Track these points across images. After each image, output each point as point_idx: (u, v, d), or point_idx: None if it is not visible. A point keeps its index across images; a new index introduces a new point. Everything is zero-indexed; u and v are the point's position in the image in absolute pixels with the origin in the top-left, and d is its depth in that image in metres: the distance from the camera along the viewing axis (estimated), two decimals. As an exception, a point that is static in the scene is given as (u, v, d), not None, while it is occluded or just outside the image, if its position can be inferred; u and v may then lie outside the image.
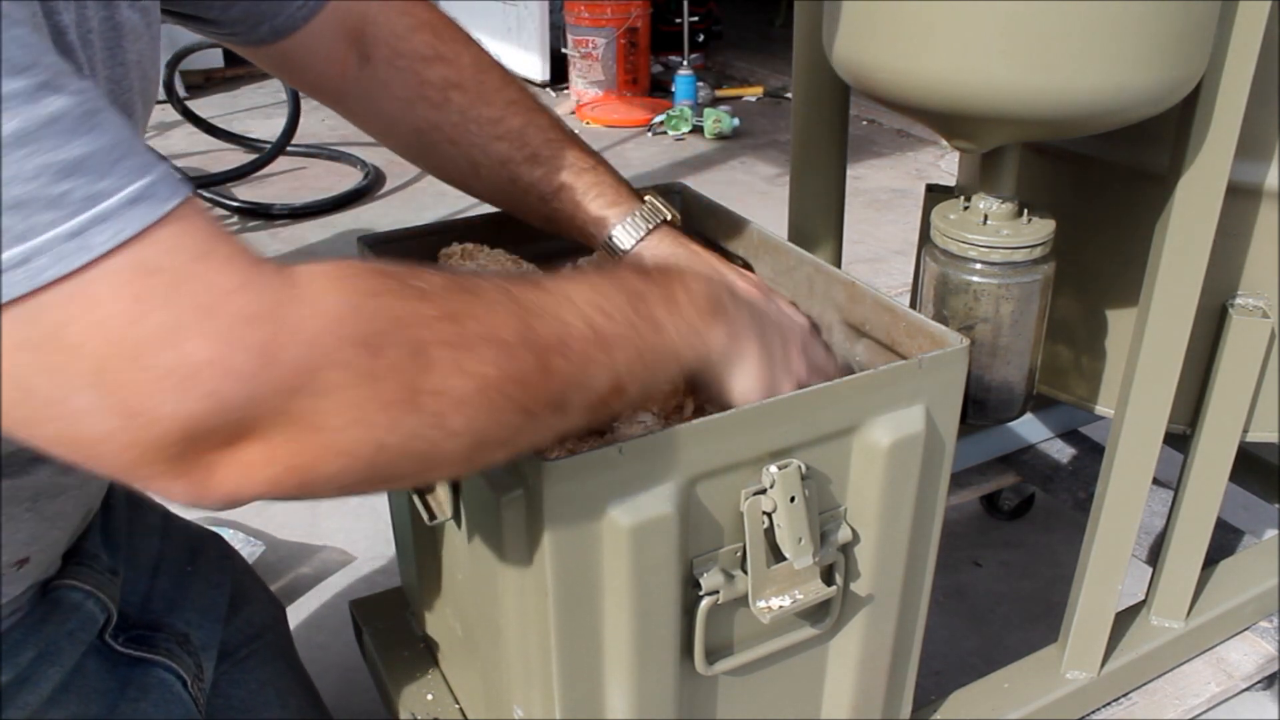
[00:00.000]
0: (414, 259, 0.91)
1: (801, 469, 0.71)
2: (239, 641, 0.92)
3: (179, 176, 0.45)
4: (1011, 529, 1.69)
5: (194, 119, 3.22)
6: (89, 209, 0.41)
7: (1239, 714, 1.26)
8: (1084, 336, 1.11)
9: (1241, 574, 1.25)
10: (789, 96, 2.73)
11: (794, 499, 0.70)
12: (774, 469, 0.70)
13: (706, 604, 0.72)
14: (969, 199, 0.95)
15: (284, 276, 0.46)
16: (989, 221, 0.92)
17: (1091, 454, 1.52)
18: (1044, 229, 0.91)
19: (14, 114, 0.40)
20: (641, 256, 0.83)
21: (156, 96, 0.71)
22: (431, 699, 0.99)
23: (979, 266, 0.91)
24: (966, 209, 0.94)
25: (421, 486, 0.74)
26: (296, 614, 1.46)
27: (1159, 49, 0.77)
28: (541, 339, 0.54)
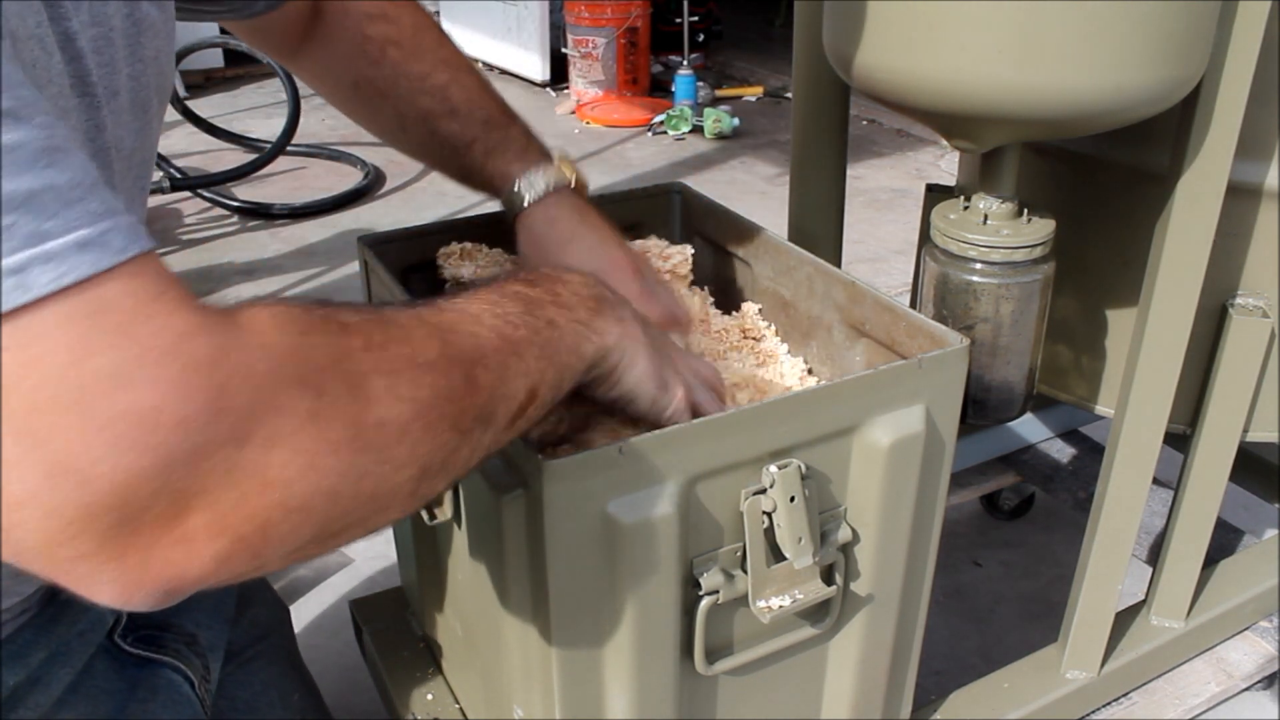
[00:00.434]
0: (414, 259, 0.92)
1: (801, 469, 0.70)
2: (245, 642, 0.92)
3: (142, 230, 0.42)
4: (1011, 529, 1.69)
5: (194, 119, 3.23)
6: (31, 247, 0.38)
7: (1239, 714, 1.26)
8: (1084, 336, 1.11)
9: (1241, 574, 1.25)
10: (789, 96, 2.73)
11: (794, 499, 0.70)
12: (774, 469, 0.70)
13: (706, 604, 0.72)
14: (969, 199, 0.95)
15: (230, 320, 0.43)
16: (989, 221, 0.92)
17: (1091, 454, 1.52)
18: (1044, 229, 0.91)
19: None
20: (534, 219, 0.85)
21: (171, 92, 0.71)
22: (431, 699, 0.99)
23: (979, 266, 0.91)
24: (966, 209, 0.94)
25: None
26: (297, 614, 1.46)
27: (1159, 49, 0.77)
28: (461, 354, 0.53)
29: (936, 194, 1.07)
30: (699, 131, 3.72)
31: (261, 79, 4.29)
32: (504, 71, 4.42)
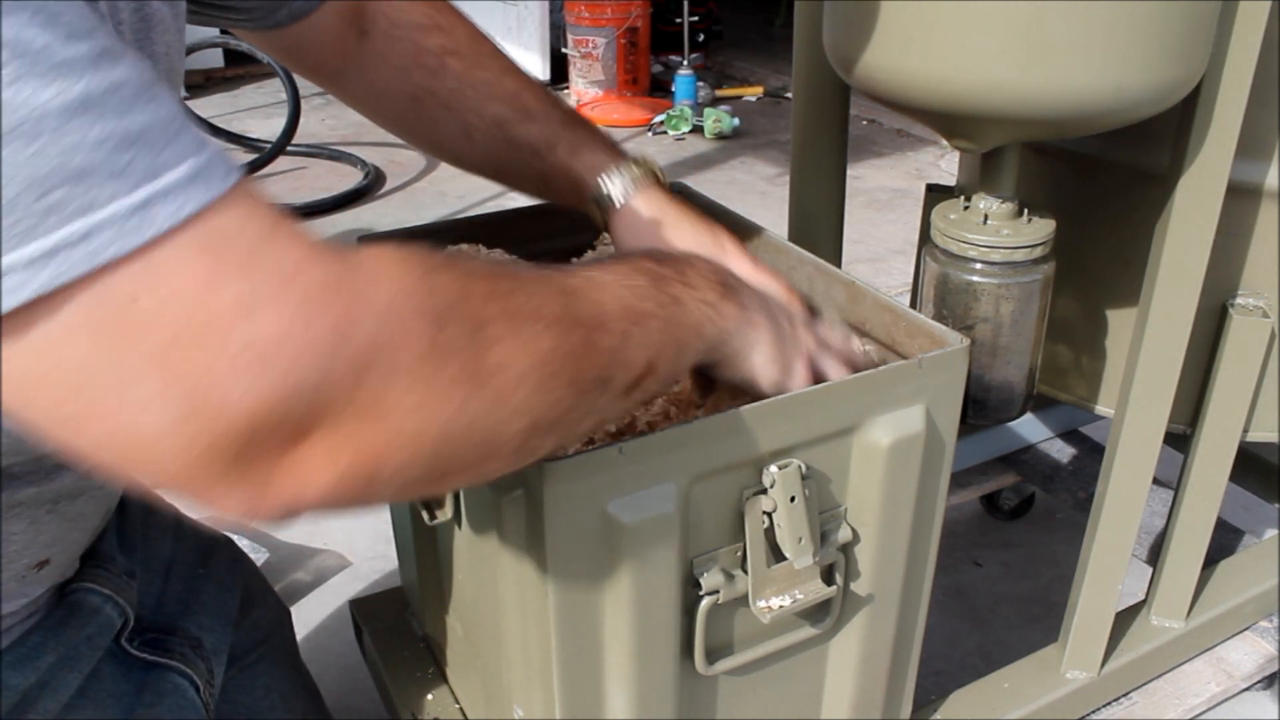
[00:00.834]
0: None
1: (801, 469, 0.71)
2: (247, 646, 0.92)
3: (230, 157, 0.43)
4: (1011, 529, 1.69)
5: (194, 119, 3.22)
6: (151, 182, 0.39)
7: (1239, 714, 1.26)
8: (1084, 336, 1.11)
9: (1241, 574, 1.25)
10: (789, 96, 2.73)
11: (794, 499, 0.70)
12: (774, 469, 0.70)
13: (706, 604, 0.72)
14: (969, 199, 0.95)
15: (347, 253, 0.44)
16: (989, 221, 0.92)
17: (1091, 454, 1.52)
18: (1044, 229, 0.91)
19: (78, 78, 0.37)
20: (633, 211, 0.84)
21: (180, 89, 0.71)
22: (431, 699, 0.99)
23: (979, 266, 0.91)
24: (966, 209, 0.94)
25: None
26: (297, 614, 1.46)
27: (1159, 49, 0.77)
28: (583, 316, 0.54)
29: (936, 194, 1.07)
30: (699, 131, 3.72)
31: (261, 79, 4.29)
32: (504, 71, 4.42)
